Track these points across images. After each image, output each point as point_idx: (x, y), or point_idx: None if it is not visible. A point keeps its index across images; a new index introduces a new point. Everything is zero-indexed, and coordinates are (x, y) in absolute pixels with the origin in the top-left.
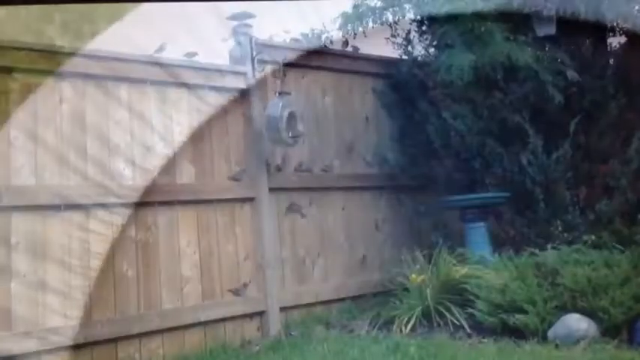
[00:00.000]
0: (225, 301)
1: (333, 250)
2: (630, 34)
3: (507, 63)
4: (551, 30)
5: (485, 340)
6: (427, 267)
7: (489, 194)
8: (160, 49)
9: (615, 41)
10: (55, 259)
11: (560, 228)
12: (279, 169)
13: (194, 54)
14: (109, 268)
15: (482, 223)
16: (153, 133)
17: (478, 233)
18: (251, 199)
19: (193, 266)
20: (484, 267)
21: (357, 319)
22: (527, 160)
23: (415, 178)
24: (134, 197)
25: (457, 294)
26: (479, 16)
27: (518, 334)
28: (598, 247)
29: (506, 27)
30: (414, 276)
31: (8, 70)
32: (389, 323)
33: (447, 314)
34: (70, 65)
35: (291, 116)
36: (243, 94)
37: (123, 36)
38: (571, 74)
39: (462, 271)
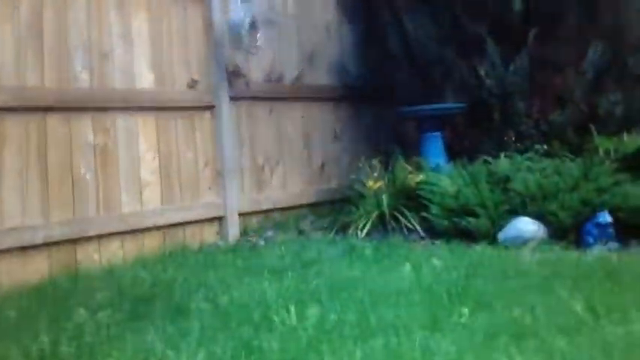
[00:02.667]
0: (184, 206)
1: (292, 158)
2: None
3: None
4: None
5: (438, 242)
6: (384, 174)
7: (446, 105)
8: None
9: None
10: (12, 162)
11: (513, 138)
12: (239, 76)
13: None
14: (67, 171)
15: (438, 133)
16: (111, 35)
17: (434, 142)
18: (211, 107)
19: (153, 171)
20: (439, 174)
21: (314, 224)
22: (485, 71)
23: (375, 88)
24: (92, 102)
25: (412, 200)
26: None
27: (469, 236)
28: (550, 156)
29: None
30: (370, 183)
31: None
32: (346, 228)
33: (402, 219)
34: None
35: (253, 23)
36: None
37: None
38: (516, 5)
39: (417, 177)
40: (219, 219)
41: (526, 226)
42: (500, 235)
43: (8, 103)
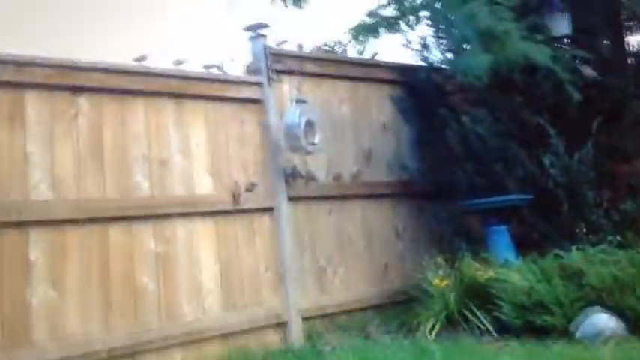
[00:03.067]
0: (246, 312)
1: (354, 258)
2: None
3: (525, 63)
4: (566, 29)
5: (513, 342)
6: (450, 272)
7: (511, 197)
8: (141, 58)
9: (633, 40)
10: (74, 272)
11: (584, 229)
12: (296, 177)
13: (182, 61)
14: (129, 280)
15: (504, 226)
16: (170, 145)
17: (501, 236)
18: (270, 209)
19: (214, 277)
20: (508, 270)
21: (380, 326)
22: (550, 161)
23: (435, 184)
24: (152, 210)
25: (482, 297)
26: (495, 17)
27: (544, 334)
28: (623, 247)
29: (522, 26)
30: (437, 281)
31: (22, 86)
32: (414, 330)
33: (472, 318)
34: (87, 79)
35: (309, 124)
36: (260, 104)
37: (132, 46)
38: (587, 71)
39: (486, 274)
40: (282, 324)
41: (604, 321)
42: (578, 332)
43: (70, 215)
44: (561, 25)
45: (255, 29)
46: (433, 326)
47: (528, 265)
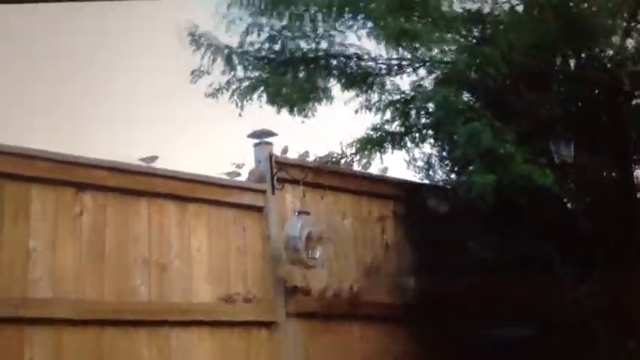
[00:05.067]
0: None
1: None
2: None
3: (529, 185)
4: (569, 156)
5: None
6: None
7: (515, 329)
8: (149, 159)
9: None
10: None
11: None
12: (296, 292)
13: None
14: None
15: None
16: (170, 249)
17: None
18: (269, 323)
19: None
20: None
21: None
22: (556, 295)
23: (438, 309)
24: (149, 316)
25: None
26: (498, 139)
27: None
28: None
29: (526, 150)
30: None
31: (28, 180)
32: None
33: None
34: (91, 177)
35: (310, 237)
36: (262, 212)
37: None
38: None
39: None
40: None
41: None
42: None
43: (67, 315)
44: (565, 153)
45: (261, 136)
46: None
47: None
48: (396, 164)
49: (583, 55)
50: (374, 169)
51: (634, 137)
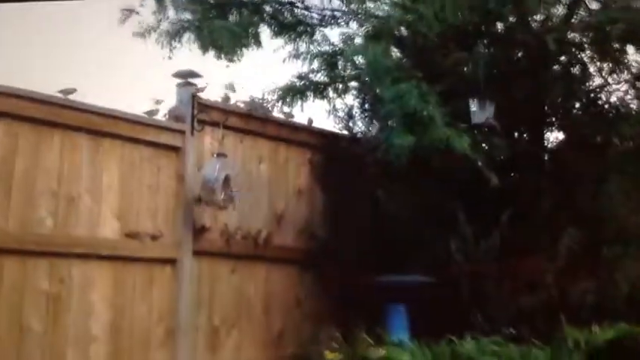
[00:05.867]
0: None
1: (250, 321)
2: (568, 132)
3: (446, 149)
4: (486, 119)
5: None
6: (344, 345)
7: (413, 278)
8: (68, 91)
9: (552, 136)
10: None
11: (480, 318)
12: (204, 231)
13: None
14: (16, 319)
15: (403, 306)
16: (80, 182)
17: (398, 315)
18: (173, 261)
19: (103, 325)
20: (401, 350)
21: None
22: (456, 246)
23: (342, 256)
24: (51, 247)
25: None
26: (422, 100)
27: None
28: (517, 341)
29: (447, 112)
30: (328, 355)
31: None
32: None
33: None
34: (4, 105)
35: (227, 179)
36: (179, 152)
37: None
38: (493, 179)
39: (377, 352)
40: None
41: None
42: None
43: None
44: (484, 113)
45: (186, 76)
46: None
47: (421, 347)
48: (317, 114)
49: (513, 18)
50: (299, 119)
51: (550, 102)
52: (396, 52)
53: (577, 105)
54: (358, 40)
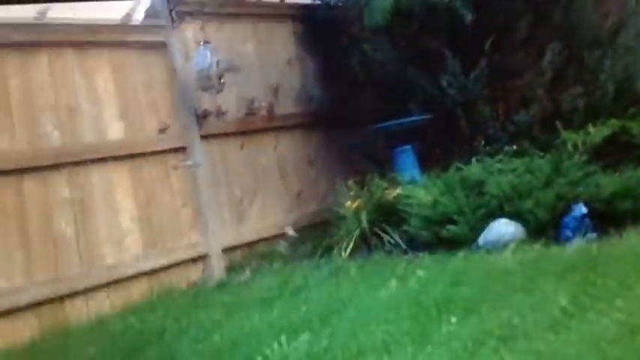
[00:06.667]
0: (166, 249)
1: (269, 188)
2: None
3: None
4: None
5: (421, 254)
6: (361, 193)
7: (412, 118)
8: (42, 12)
9: None
10: None
11: (482, 142)
12: (207, 116)
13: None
14: (47, 229)
15: (408, 146)
16: (76, 92)
17: (406, 156)
18: (183, 149)
19: (132, 219)
20: (414, 186)
21: (298, 251)
22: (447, 81)
23: (342, 112)
24: (64, 158)
25: (391, 215)
26: None
27: (451, 244)
28: (520, 156)
29: None
30: (348, 203)
31: None
32: (329, 250)
33: (383, 234)
34: None
35: (219, 63)
36: (164, 47)
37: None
38: (467, 16)
39: (393, 192)
40: (204, 257)
41: (504, 227)
42: (481, 240)
43: None
44: None
45: None
46: (347, 245)
47: (432, 180)
48: None
49: None
50: None
51: None
52: None
53: None
54: None
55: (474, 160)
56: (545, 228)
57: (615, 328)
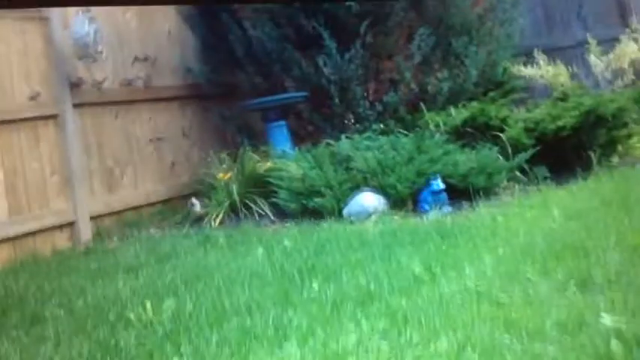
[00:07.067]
0: (33, 215)
1: (142, 158)
2: None
3: None
4: None
5: (288, 224)
6: (233, 165)
7: (288, 94)
8: None
9: None
10: None
11: (352, 120)
12: (81, 84)
13: None
14: None
15: (282, 122)
16: None
17: (279, 131)
18: (54, 116)
19: None
20: (285, 160)
21: (168, 220)
22: (323, 61)
23: (219, 86)
24: None
25: (262, 187)
26: None
27: (318, 216)
28: (386, 134)
29: None
30: (220, 174)
31: None
32: (199, 220)
33: (253, 206)
34: None
35: (97, 32)
36: (42, 16)
37: None
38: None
39: (265, 165)
40: (71, 224)
41: (368, 200)
42: (345, 211)
43: None
44: None
45: None
46: (217, 215)
47: (303, 154)
48: None
49: None
50: None
51: None
52: None
53: None
54: None
55: (343, 136)
56: (405, 201)
57: (463, 294)
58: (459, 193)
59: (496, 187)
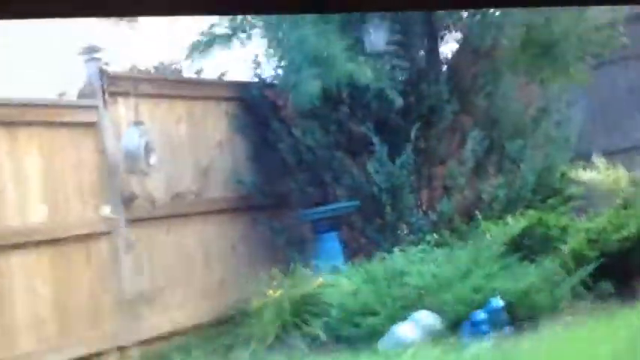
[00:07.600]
0: (83, 338)
1: (191, 275)
2: (460, 42)
3: (351, 81)
4: (380, 45)
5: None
6: (283, 281)
7: (339, 204)
8: None
9: (446, 49)
10: None
11: (406, 230)
12: (134, 199)
13: None
14: None
15: (334, 233)
16: (2, 173)
17: (331, 243)
18: (107, 233)
19: (50, 306)
20: (337, 275)
21: (215, 343)
22: (374, 168)
23: (270, 197)
24: None
25: (313, 304)
26: (323, 38)
27: (371, 337)
28: (441, 245)
29: (345, 45)
30: (270, 292)
31: None
32: (248, 341)
33: (304, 326)
34: None
35: (147, 145)
36: (96, 128)
37: None
38: (397, 100)
39: (316, 281)
40: (122, 348)
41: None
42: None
43: None
44: (380, 38)
45: (90, 52)
46: (265, 337)
47: (356, 269)
48: (233, 67)
49: None
50: (213, 73)
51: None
52: None
53: (464, 15)
54: None
55: (396, 249)
56: (460, 322)
57: None
58: (519, 311)
59: (558, 303)
